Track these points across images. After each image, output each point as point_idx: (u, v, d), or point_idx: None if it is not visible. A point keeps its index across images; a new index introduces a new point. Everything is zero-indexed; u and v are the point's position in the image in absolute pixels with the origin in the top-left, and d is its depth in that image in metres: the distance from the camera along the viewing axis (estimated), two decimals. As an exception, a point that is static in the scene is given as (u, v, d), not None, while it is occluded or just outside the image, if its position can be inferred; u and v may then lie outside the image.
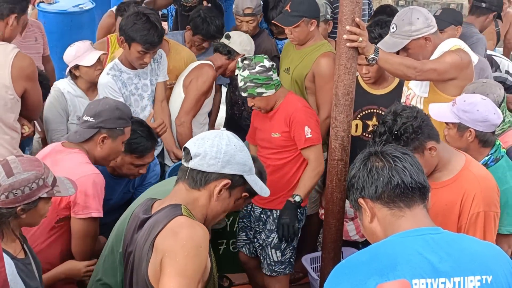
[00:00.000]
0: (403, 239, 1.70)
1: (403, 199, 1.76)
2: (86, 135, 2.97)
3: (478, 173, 2.73)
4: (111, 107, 3.03)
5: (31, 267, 2.40)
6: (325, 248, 3.39)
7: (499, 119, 2.97)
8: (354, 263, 1.70)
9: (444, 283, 1.63)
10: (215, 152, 2.02)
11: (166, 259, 1.90)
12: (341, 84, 3.10)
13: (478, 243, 1.78)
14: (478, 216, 2.65)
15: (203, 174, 2.03)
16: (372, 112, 4.00)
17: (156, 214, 2.04)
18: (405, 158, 1.81)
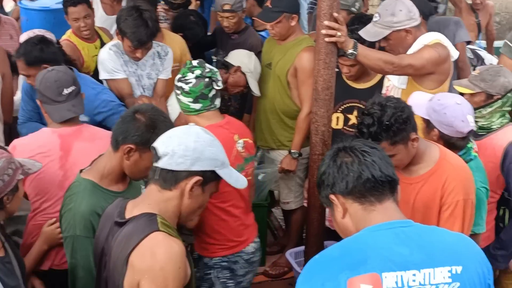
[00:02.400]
0: (374, 233, 1.71)
1: (374, 193, 1.77)
2: (82, 101, 3.08)
3: (455, 163, 2.75)
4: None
5: (10, 265, 2.38)
6: (308, 242, 3.41)
7: (467, 128, 2.91)
8: (326, 258, 1.72)
9: (414, 275, 1.64)
10: (183, 150, 1.98)
11: (146, 282, 1.88)
12: (321, 79, 3.11)
13: (449, 235, 1.80)
14: (457, 204, 2.67)
15: (172, 173, 1.99)
16: (353, 106, 4.02)
17: (131, 223, 2.00)
18: (373, 152, 1.82)
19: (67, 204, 2.54)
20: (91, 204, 2.46)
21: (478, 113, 3.33)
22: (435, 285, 1.65)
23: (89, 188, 2.49)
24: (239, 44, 4.75)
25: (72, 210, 2.49)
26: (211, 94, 3.02)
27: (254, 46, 4.70)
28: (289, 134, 4.18)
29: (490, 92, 3.30)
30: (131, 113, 2.45)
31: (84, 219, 2.45)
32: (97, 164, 2.58)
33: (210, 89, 3.01)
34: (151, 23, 3.75)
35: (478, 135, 3.38)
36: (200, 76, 3.00)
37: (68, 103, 3.04)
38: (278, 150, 4.27)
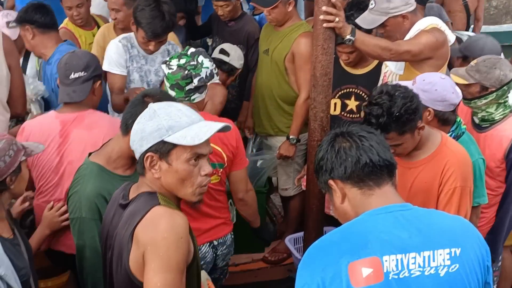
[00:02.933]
0: (374, 217, 1.72)
1: (372, 178, 1.78)
2: (87, 89, 3.07)
3: (455, 150, 2.76)
4: (90, 55, 3.18)
5: (19, 248, 2.42)
6: (307, 228, 3.42)
7: (457, 99, 2.97)
8: (326, 244, 1.73)
9: (414, 258, 1.65)
10: (132, 137, 2.04)
11: (149, 253, 1.89)
12: (319, 65, 3.11)
13: (447, 217, 1.81)
14: (454, 191, 2.69)
15: (138, 161, 2.04)
16: (351, 91, 4.03)
17: (134, 202, 2.03)
18: (370, 137, 1.83)
19: (74, 186, 2.58)
20: (97, 187, 2.50)
21: (473, 104, 3.33)
22: (435, 267, 1.66)
23: (95, 171, 2.53)
24: (235, 32, 4.74)
25: (78, 193, 2.53)
26: (187, 88, 2.94)
27: (250, 33, 4.69)
28: (287, 120, 4.18)
29: (484, 84, 3.29)
30: (140, 97, 2.47)
31: (89, 202, 2.49)
32: (106, 147, 2.62)
33: (187, 82, 2.93)
34: (168, 16, 3.66)
35: (482, 128, 3.39)
36: (181, 66, 2.94)
37: (70, 88, 3.07)
38: (276, 137, 4.27)
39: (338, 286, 1.61)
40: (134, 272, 1.96)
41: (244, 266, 4.18)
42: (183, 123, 1.97)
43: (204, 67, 2.97)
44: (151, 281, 1.88)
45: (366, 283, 1.60)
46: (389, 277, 1.62)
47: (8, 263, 2.25)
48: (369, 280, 1.61)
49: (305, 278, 1.67)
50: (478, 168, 2.96)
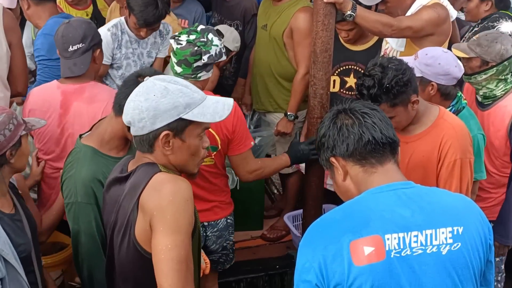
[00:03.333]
0: (376, 195, 1.70)
1: (375, 155, 1.76)
2: (87, 60, 3.02)
3: (453, 122, 2.75)
4: (86, 24, 3.09)
5: (20, 223, 2.42)
6: (306, 205, 3.42)
7: (460, 72, 2.97)
8: (328, 221, 1.71)
9: (416, 236, 1.64)
10: (138, 113, 1.91)
11: (156, 218, 1.87)
12: (319, 41, 3.07)
13: (449, 196, 1.80)
14: (455, 163, 2.68)
15: (142, 138, 1.96)
16: (350, 68, 3.99)
17: (134, 174, 2.01)
18: (373, 114, 1.80)
19: (67, 170, 2.54)
20: (92, 170, 2.46)
21: (473, 79, 3.31)
22: (437, 245, 1.65)
23: (89, 155, 2.49)
24: (232, 7, 4.70)
25: (73, 177, 2.49)
26: (195, 64, 2.88)
27: (247, 9, 4.65)
28: (286, 97, 4.14)
29: (484, 58, 3.27)
30: (134, 77, 2.43)
31: (84, 186, 2.45)
32: (98, 129, 2.57)
33: (195, 59, 2.87)
34: (161, 4, 3.63)
35: (485, 105, 3.37)
36: (191, 42, 2.89)
37: (70, 61, 3.04)
38: (275, 113, 4.24)
39: (339, 264, 1.60)
40: (141, 243, 1.94)
41: (243, 243, 4.17)
42: (197, 100, 1.96)
43: (213, 45, 2.91)
44: (160, 243, 1.86)
45: (368, 261, 1.59)
46: (391, 255, 1.61)
47: (5, 238, 2.25)
48: (371, 258, 1.60)
49: (307, 256, 1.66)
50: (477, 143, 2.95)
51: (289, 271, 3.91)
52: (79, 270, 2.58)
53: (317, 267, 1.62)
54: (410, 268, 1.62)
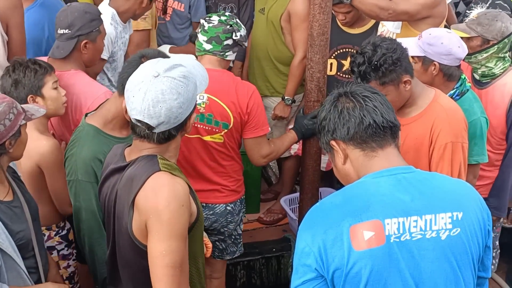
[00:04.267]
0: (376, 180, 1.70)
1: (375, 139, 1.75)
2: (69, 47, 3.04)
3: (446, 105, 2.75)
4: (80, 13, 3.07)
5: (18, 210, 2.40)
6: (303, 189, 3.42)
7: (463, 53, 2.97)
8: (328, 206, 1.71)
9: (416, 221, 1.64)
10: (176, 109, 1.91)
11: (152, 222, 1.89)
12: (316, 24, 3.05)
13: (449, 181, 1.79)
14: (446, 147, 2.68)
15: (173, 129, 1.97)
16: (347, 51, 3.98)
17: (132, 166, 2.00)
18: (375, 97, 1.79)
19: (70, 148, 2.57)
20: (93, 150, 2.49)
21: (474, 59, 3.31)
22: (436, 230, 1.65)
23: (91, 134, 2.52)
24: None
25: (74, 155, 2.53)
26: (225, 42, 3.03)
27: None
28: (283, 81, 4.13)
29: (486, 36, 3.28)
30: (137, 57, 2.45)
31: (85, 164, 2.48)
32: (102, 109, 2.59)
33: (227, 36, 3.04)
34: None
35: (483, 83, 3.37)
36: (223, 22, 3.05)
37: (56, 43, 3.09)
38: (272, 97, 4.23)
39: (339, 249, 1.60)
40: (137, 236, 1.97)
41: (239, 226, 4.20)
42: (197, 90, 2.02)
43: (242, 28, 3.11)
44: (156, 249, 1.89)
45: (368, 246, 1.60)
46: (391, 240, 1.61)
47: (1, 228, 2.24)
48: (371, 243, 1.60)
49: (306, 240, 1.66)
50: (479, 126, 2.96)
51: (286, 254, 3.95)
52: (81, 245, 2.63)
53: (317, 252, 1.62)
54: (409, 253, 1.62)
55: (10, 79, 2.76)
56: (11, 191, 2.41)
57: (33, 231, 2.46)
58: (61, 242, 2.99)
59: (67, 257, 3.03)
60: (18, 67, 2.77)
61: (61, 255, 3.00)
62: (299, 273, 1.67)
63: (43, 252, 2.56)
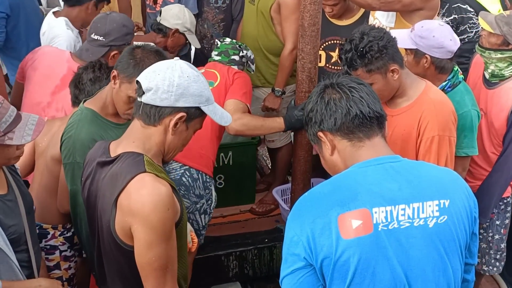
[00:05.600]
0: (364, 169, 1.71)
1: (362, 129, 1.77)
2: (98, 53, 3.20)
3: (434, 98, 2.75)
4: (118, 25, 3.26)
5: (12, 203, 2.39)
6: (295, 179, 3.43)
7: (455, 46, 2.96)
8: (316, 195, 1.72)
9: (404, 209, 1.66)
10: (167, 85, 1.93)
11: (137, 226, 1.88)
12: (307, 15, 3.05)
13: (436, 169, 1.81)
14: (432, 140, 2.69)
15: (156, 108, 1.95)
16: (335, 43, 3.99)
17: (118, 163, 1.98)
18: (361, 88, 1.81)
19: (67, 131, 2.56)
20: (91, 132, 2.49)
21: (487, 53, 3.22)
22: (424, 218, 1.67)
23: (89, 117, 2.53)
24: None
25: (72, 138, 2.52)
26: (232, 57, 3.57)
27: None
28: (273, 71, 4.13)
29: (509, 39, 3.13)
30: (130, 49, 2.47)
31: (83, 147, 2.47)
32: (100, 94, 2.60)
33: (234, 52, 3.58)
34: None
35: (491, 84, 3.30)
36: (234, 43, 3.63)
37: (87, 44, 3.27)
38: (263, 88, 4.23)
39: (327, 238, 1.61)
40: (120, 235, 1.96)
41: (232, 217, 4.20)
42: (212, 99, 2.06)
43: (249, 51, 3.65)
44: (145, 256, 1.90)
45: (356, 234, 1.61)
46: (378, 228, 1.63)
47: None
48: (359, 232, 1.61)
49: (295, 229, 1.67)
50: (470, 118, 2.94)
51: (278, 244, 3.95)
52: (78, 231, 2.62)
53: (305, 241, 1.63)
54: (397, 241, 1.64)
55: (93, 74, 2.84)
56: (6, 184, 2.39)
57: (27, 225, 2.45)
58: (65, 243, 3.00)
59: (69, 259, 3.04)
60: (104, 68, 2.88)
61: (63, 256, 3.01)
62: (288, 262, 1.68)
63: (37, 248, 2.55)
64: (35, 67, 3.27)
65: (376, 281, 1.62)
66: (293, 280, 1.67)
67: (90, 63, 2.94)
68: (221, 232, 4.00)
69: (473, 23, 3.88)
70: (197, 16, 4.96)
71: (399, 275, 1.64)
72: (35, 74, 3.23)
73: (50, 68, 3.21)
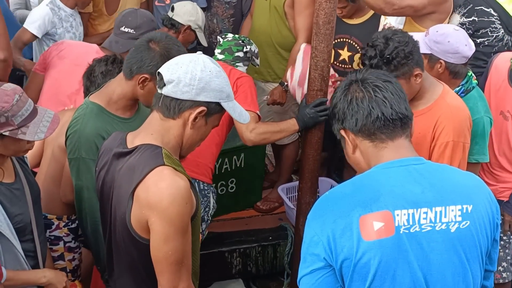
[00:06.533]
0: (386, 170, 1.69)
1: (384, 131, 1.73)
2: (128, 45, 3.25)
3: (452, 103, 2.73)
4: (148, 19, 3.45)
5: (19, 192, 2.38)
6: (303, 178, 3.40)
7: (470, 51, 2.93)
8: (338, 195, 1.70)
9: (426, 213, 1.63)
10: (189, 78, 1.91)
11: (155, 219, 1.86)
12: (322, 13, 3.02)
13: (459, 174, 1.78)
14: (447, 145, 2.67)
15: (176, 101, 1.93)
16: (344, 41, 3.97)
17: (135, 154, 1.95)
18: (386, 86, 1.76)
19: (73, 126, 2.53)
20: (96, 127, 2.46)
21: None
22: (446, 223, 1.64)
23: (95, 111, 2.49)
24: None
25: (77, 132, 2.48)
26: (236, 54, 3.48)
27: None
28: (284, 67, 4.09)
29: None
30: (145, 42, 2.42)
31: (89, 141, 2.45)
32: (107, 88, 2.56)
33: (238, 49, 3.49)
34: None
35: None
36: (236, 39, 3.52)
37: (116, 37, 3.40)
38: (273, 83, 4.20)
39: (348, 239, 1.59)
40: (135, 228, 1.93)
41: (235, 214, 4.19)
42: (232, 96, 2.04)
43: (253, 45, 3.55)
44: (161, 250, 1.88)
45: (377, 236, 1.59)
46: (400, 231, 1.61)
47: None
48: (380, 234, 1.59)
49: (315, 229, 1.65)
50: (482, 125, 2.93)
51: (282, 242, 3.94)
52: (83, 227, 2.59)
53: (326, 241, 1.61)
54: (418, 244, 1.62)
55: (105, 67, 2.85)
56: (14, 173, 2.37)
57: (33, 214, 2.43)
58: (69, 234, 2.98)
59: (73, 250, 3.02)
60: (117, 62, 2.87)
61: (67, 247, 2.98)
62: (307, 262, 1.66)
63: (43, 238, 2.54)
64: (62, 57, 3.34)
65: (396, 284, 1.60)
66: (311, 280, 1.65)
67: (105, 56, 2.95)
68: (224, 229, 3.98)
69: (494, 27, 3.86)
70: (205, 11, 4.94)
71: (419, 279, 1.62)
72: (62, 63, 3.29)
73: (79, 57, 3.26)
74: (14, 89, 2.28)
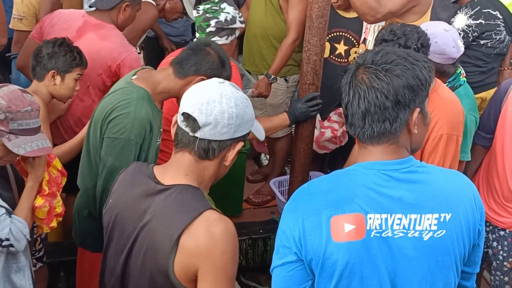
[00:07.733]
0: (366, 171, 1.62)
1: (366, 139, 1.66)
2: (113, 2, 3.36)
3: (445, 97, 2.70)
4: None
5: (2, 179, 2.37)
6: (294, 171, 3.40)
7: (458, 53, 2.88)
8: (314, 191, 1.65)
9: (400, 219, 1.59)
10: (227, 118, 1.76)
11: (206, 267, 1.72)
12: (316, 6, 3.01)
13: (444, 179, 1.68)
14: (440, 138, 2.65)
15: (215, 143, 1.79)
16: (341, 35, 3.96)
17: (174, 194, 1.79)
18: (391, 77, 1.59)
19: (123, 106, 2.48)
20: (148, 113, 2.49)
21: None
22: (419, 231, 1.60)
23: (146, 98, 2.51)
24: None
25: (130, 115, 2.46)
26: (207, 30, 3.22)
27: None
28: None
29: None
30: (203, 46, 2.48)
31: (141, 126, 2.46)
32: (152, 77, 2.57)
33: (207, 24, 3.22)
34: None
35: None
36: (205, 11, 3.25)
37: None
38: (267, 75, 4.18)
39: (317, 237, 1.57)
40: (179, 278, 1.76)
41: (227, 206, 4.17)
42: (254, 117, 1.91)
43: (224, 12, 3.23)
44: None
45: (347, 238, 1.56)
46: (371, 235, 1.57)
47: None
48: (350, 236, 1.56)
49: (288, 223, 1.63)
50: (465, 123, 2.89)
51: (272, 235, 3.93)
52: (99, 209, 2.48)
53: (297, 236, 1.60)
54: (388, 249, 1.58)
55: (52, 49, 2.97)
56: None
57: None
58: None
59: None
60: (65, 45, 3.00)
61: None
62: (280, 253, 1.65)
63: None
64: (53, 24, 3.40)
65: (364, 285, 1.59)
66: (282, 272, 1.65)
67: (54, 38, 3.07)
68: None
69: (499, 30, 3.86)
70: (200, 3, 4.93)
71: (386, 282, 1.59)
72: (53, 29, 3.36)
73: (66, 22, 3.37)
74: (32, 102, 2.26)
